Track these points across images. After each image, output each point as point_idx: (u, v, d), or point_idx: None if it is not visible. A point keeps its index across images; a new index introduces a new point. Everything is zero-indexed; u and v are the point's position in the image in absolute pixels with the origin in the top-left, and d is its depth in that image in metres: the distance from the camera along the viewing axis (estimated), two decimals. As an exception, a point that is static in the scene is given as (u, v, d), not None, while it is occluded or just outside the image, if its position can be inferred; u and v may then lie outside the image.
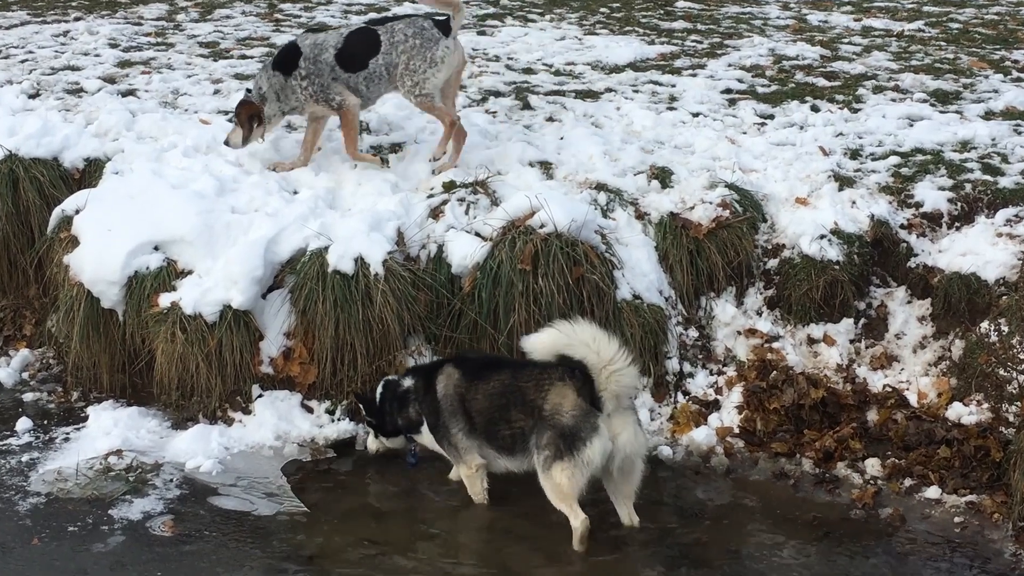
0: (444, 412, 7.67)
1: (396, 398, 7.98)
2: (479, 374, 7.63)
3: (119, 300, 8.89)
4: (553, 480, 7.17)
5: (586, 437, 7.09)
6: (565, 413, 7.14)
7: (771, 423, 8.33)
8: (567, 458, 7.08)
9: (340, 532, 7.41)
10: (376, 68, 9.30)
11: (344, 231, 8.75)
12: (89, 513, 7.51)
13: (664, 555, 7.15)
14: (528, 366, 7.47)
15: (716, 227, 9.08)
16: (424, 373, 7.92)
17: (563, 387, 7.20)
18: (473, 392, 7.59)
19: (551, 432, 7.15)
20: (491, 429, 7.52)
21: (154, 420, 8.68)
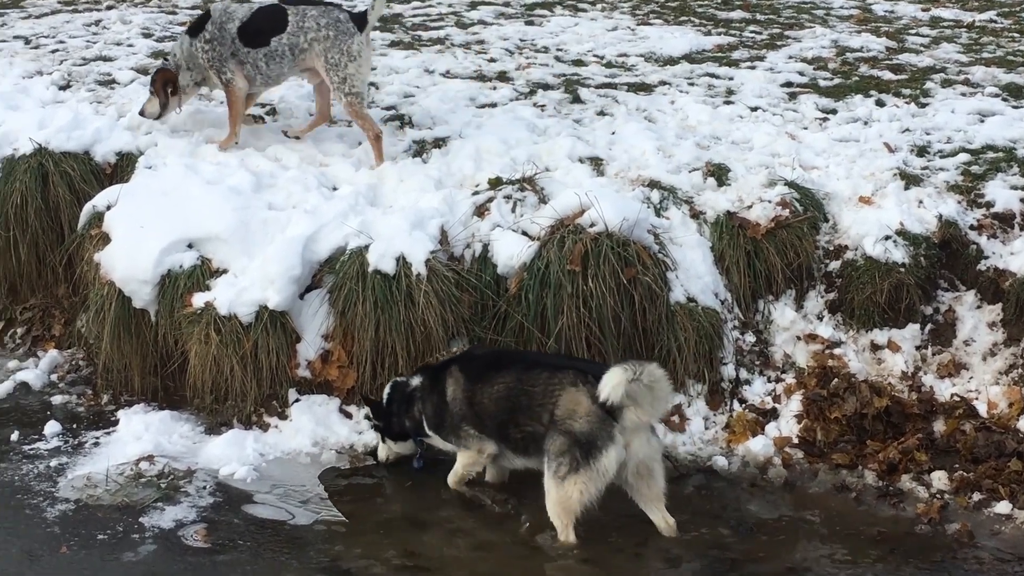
0: (454, 415, 7.76)
1: (404, 399, 8.02)
2: (484, 376, 7.68)
3: (151, 300, 8.94)
4: (564, 492, 7.19)
5: (602, 446, 7.12)
6: (579, 418, 7.17)
7: (832, 433, 8.28)
8: (583, 469, 7.12)
9: (379, 543, 7.41)
10: (279, 47, 9.58)
11: (385, 229, 8.77)
12: (119, 521, 7.55)
13: (718, 571, 7.12)
14: (536, 367, 7.51)
15: (775, 227, 9.04)
16: (432, 372, 7.97)
17: (576, 392, 7.23)
18: (479, 396, 7.66)
19: (564, 439, 7.19)
20: (502, 431, 7.62)
21: (187, 425, 8.72)
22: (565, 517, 7.26)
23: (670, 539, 7.38)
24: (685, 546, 7.36)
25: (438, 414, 7.86)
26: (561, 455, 7.19)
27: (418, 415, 7.99)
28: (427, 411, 7.92)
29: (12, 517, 7.60)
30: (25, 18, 14.88)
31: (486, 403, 7.63)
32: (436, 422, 7.90)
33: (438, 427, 7.91)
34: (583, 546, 7.27)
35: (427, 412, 7.92)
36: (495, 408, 7.59)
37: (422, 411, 7.95)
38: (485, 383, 7.65)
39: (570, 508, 7.21)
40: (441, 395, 7.81)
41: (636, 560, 7.24)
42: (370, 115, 9.77)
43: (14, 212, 9.85)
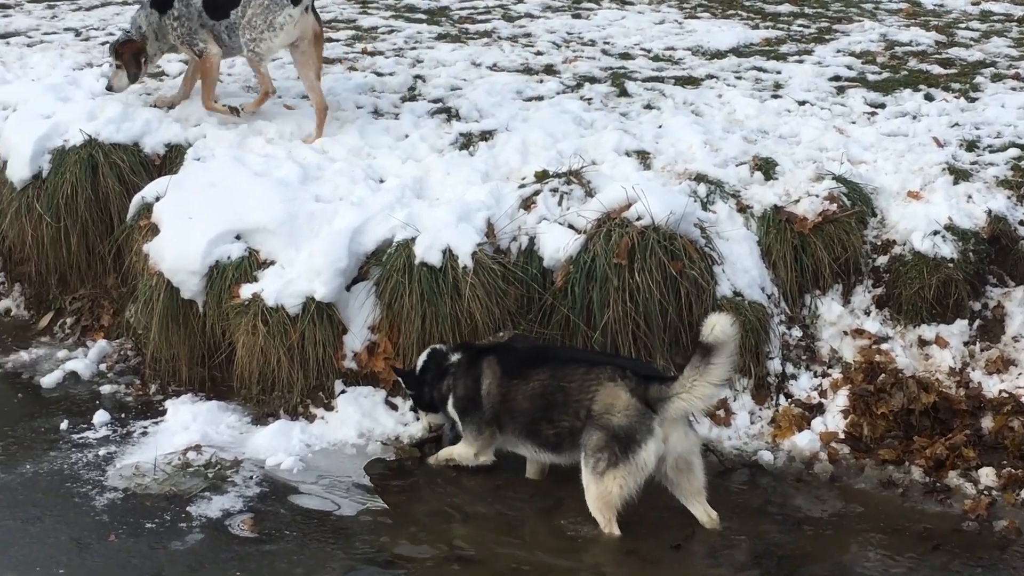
0: (484, 408, 7.82)
1: (439, 371, 8.07)
2: (520, 373, 7.71)
3: (199, 290, 8.99)
4: (604, 487, 7.22)
5: (641, 439, 7.14)
6: (617, 413, 7.19)
7: (879, 429, 8.25)
8: (622, 464, 7.14)
9: (424, 535, 7.44)
10: (236, 20, 9.92)
11: (432, 222, 8.79)
12: (167, 510, 7.60)
13: (763, 566, 7.11)
14: (572, 363, 7.53)
15: (822, 221, 9.01)
16: (472, 355, 8.00)
17: (614, 387, 7.26)
18: (514, 392, 7.69)
19: (603, 434, 7.21)
20: (533, 428, 7.64)
21: (234, 415, 8.77)
22: (607, 512, 7.27)
23: (715, 533, 7.38)
24: (730, 541, 7.36)
25: (468, 400, 7.91)
26: (599, 450, 7.22)
27: (446, 391, 8.03)
28: (457, 391, 7.96)
29: (62, 505, 7.66)
30: (76, 10, 14.99)
31: (519, 400, 7.67)
32: (463, 406, 7.95)
33: (463, 412, 7.96)
34: (627, 539, 7.28)
35: (457, 392, 7.96)
36: (529, 405, 7.63)
37: (452, 389, 7.99)
38: (521, 379, 7.68)
39: (611, 503, 7.23)
40: (475, 383, 7.86)
41: (681, 554, 7.23)
42: (265, 72, 10.22)
43: (64, 203, 9.93)
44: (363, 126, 10.31)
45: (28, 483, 7.94)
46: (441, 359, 8.11)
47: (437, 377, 8.08)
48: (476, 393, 7.87)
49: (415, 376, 8.20)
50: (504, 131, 10.17)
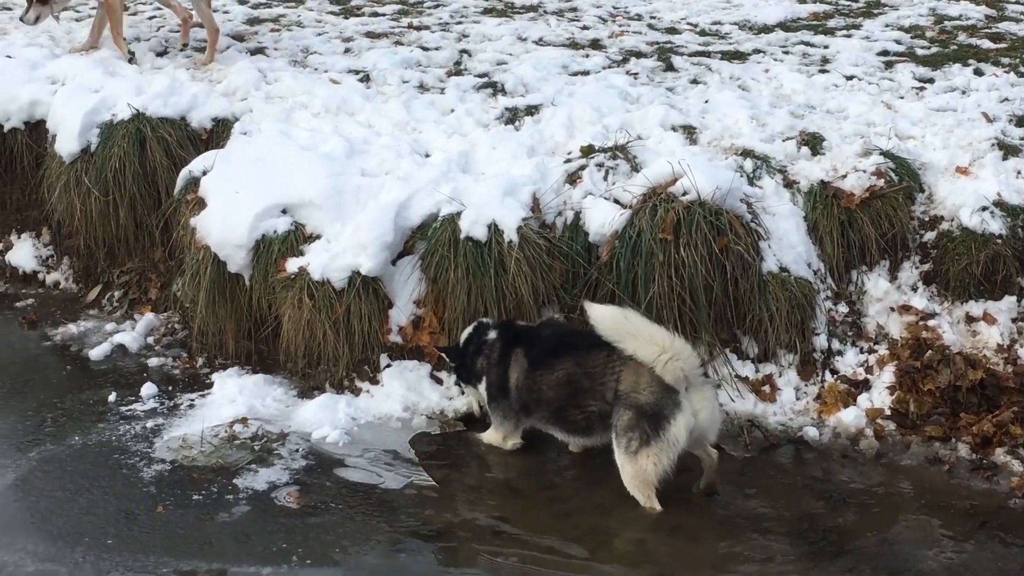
0: (512, 398, 7.90)
1: (478, 346, 8.11)
2: (545, 363, 7.74)
3: (246, 264, 9.02)
4: (638, 466, 7.23)
5: (669, 415, 7.15)
6: (643, 390, 7.20)
7: (925, 405, 8.21)
8: (654, 441, 7.15)
9: (469, 508, 7.47)
10: None
11: (477, 196, 8.78)
12: (214, 482, 7.65)
13: (808, 540, 7.08)
14: (595, 348, 7.51)
15: (869, 197, 8.95)
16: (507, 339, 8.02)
17: (637, 365, 7.26)
18: (540, 383, 7.74)
19: (632, 412, 7.22)
20: (561, 415, 7.69)
21: (280, 388, 8.81)
22: (645, 489, 7.29)
23: (761, 507, 7.39)
24: (776, 516, 7.35)
25: (499, 387, 7.98)
26: (630, 429, 7.23)
27: (480, 370, 8.09)
28: (489, 377, 8.03)
29: (110, 477, 7.73)
30: (123, -15, 15.04)
31: (546, 390, 7.72)
32: (492, 393, 8.03)
33: (492, 398, 8.05)
34: (670, 515, 7.28)
35: (489, 378, 8.03)
36: (555, 394, 7.68)
37: (484, 371, 8.06)
38: (546, 370, 7.72)
39: (647, 481, 7.24)
40: (504, 373, 7.93)
41: (725, 529, 7.23)
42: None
43: (113, 177, 9.98)
44: (408, 101, 10.31)
45: (77, 455, 8.01)
46: (483, 334, 8.14)
47: (476, 352, 8.12)
48: (505, 384, 7.93)
49: (459, 349, 8.23)
50: (550, 106, 10.16)
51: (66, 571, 6.70)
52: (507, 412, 7.96)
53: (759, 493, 7.61)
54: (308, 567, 6.77)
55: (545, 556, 6.93)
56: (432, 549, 7.04)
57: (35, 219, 10.98)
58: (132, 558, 6.82)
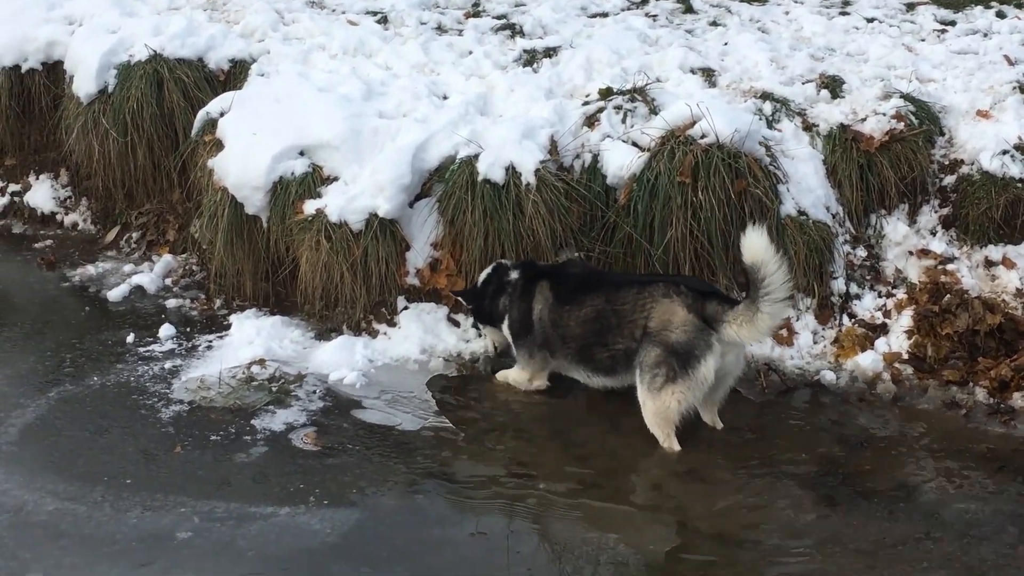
0: (536, 332, 7.87)
1: (499, 286, 8.09)
2: (573, 299, 7.71)
3: (263, 206, 8.99)
4: (662, 402, 7.24)
5: (700, 355, 7.15)
6: (675, 328, 7.19)
7: (943, 349, 8.18)
8: (681, 379, 7.16)
9: (485, 451, 7.47)
10: None
11: (495, 138, 8.74)
12: (231, 423, 7.66)
13: (827, 484, 7.08)
14: (625, 286, 7.52)
15: (889, 140, 8.89)
16: (529, 276, 8.01)
17: (670, 303, 7.26)
18: (566, 319, 7.72)
19: (660, 350, 7.21)
20: (586, 353, 7.67)
21: (297, 330, 8.81)
22: (665, 427, 7.30)
23: (778, 451, 7.39)
24: (793, 460, 7.34)
25: (522, 323, 7.96)
26: (657, 366, 7.23)
27: (502, 310, 8.07)
28: (512, 314, 8.01)
29: (128, 417, 7.74)
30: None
31: (572, 326, 7.70)
32: (516, 330, 8.00)
33: (516, 335, 8.02)
34: (686, 458, 7.29)
35: (512, 315, 8.01)
36: (581, 331, 7.66)
37: (507, 310, 8.04)
38: (574, 306, 7.70)
39: (669, 418, 7.25)
40: (528, 307, 7.91)
41: (742, 472, 7.22)
42: None
43: (130, 118, 9.94)
44: (426, 42, 10.25)
45: (96, 395, 8.02)
46: (503, 274, 8.11)
47: (497, 292, 8.09)
48: (528, 318, 7.90)
49: (476, 290, 8.21)
50: (568, 48, 10.09)
51: (85, 510, 6.72)
52: (532, 351, 7.94)
53: (776, 437, 7.60)
54: (325, 507, 6.78)
55: (561, 499, 6.93)
56: (449, 491, 7.04)
57: (53, 160, 10.97)
58: (150, 497, 6.84)
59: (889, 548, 6.49)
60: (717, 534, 6.65)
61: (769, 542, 6.55)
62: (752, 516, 6.80)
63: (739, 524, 6.73)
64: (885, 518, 6.76)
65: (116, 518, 6.66)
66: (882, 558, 6.40)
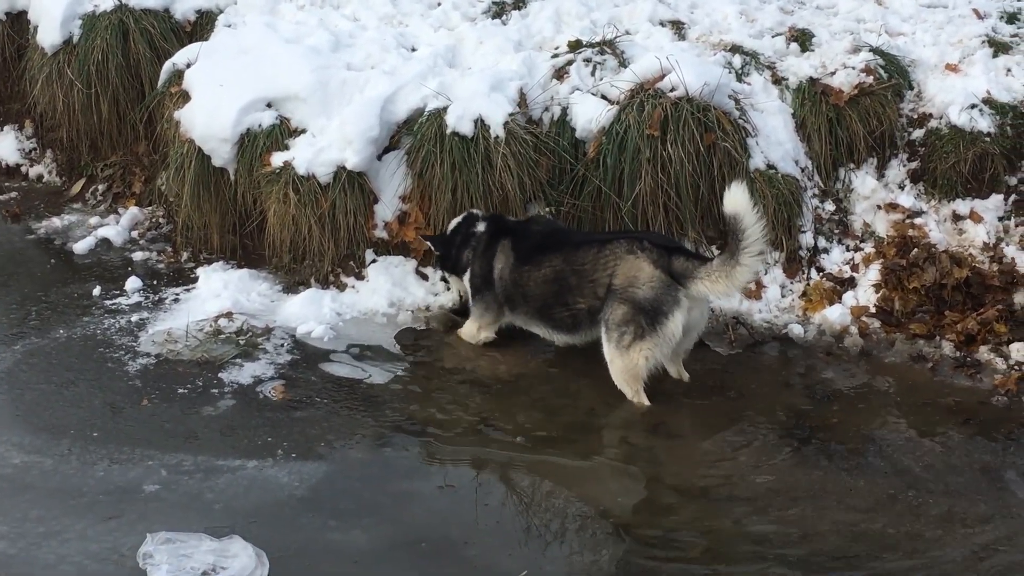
0: (496, 289, 7.91)
1: (466, 237, 8.09)
2: (532, 258, 7.72)
3: (230, 158, 8.94)
4: (630, 360, 7.25)
5: (668, 311, 7.16)
6: (642, 285, 7.19)
7: (910, 303, 8.21)
8: (649, 336, 7.17)
9: (454, 404, 7.47)
10: None
11: (464, 91, 8.70)
12: (199, 376, 7.65)
13: (795, 436, 7.11)
14: (585, 245, 7.53)
15: (858, 94, 8.88)
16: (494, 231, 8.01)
17: (635, 260, 7.26)
18: (526, 279, 7.74)
19: (627, 307, 7.22)
20: (546, 312, 7.70)
21: (265, 283, 8.79)
22: (634, 384, 7.32)
23: (745, 404, 7.41)
24: (761, 411, 7.37)
25: (483, 279, 7.98)
26: (624, 323, 7.23)
27: (465, 262, 8.09)
28: (474, 268, 8.03)
29: (95, 370, 7.71)
30: None
31: (532, 286, 7.72)
32: (476, 285, 8.03)
33: (475, 290, 8.04)
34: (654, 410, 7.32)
35: (473, 269, 8.03)
36: (540, 291, 7.68)
37: (470, 263, 8.06)
38: (532, 266, 7.71)
39: (637, 375, 7.27)
40: (489, 265, 7.93)
41: (711, 425, 7.26)
42: None
43: (95, 69, 9.85)
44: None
45: (62, 348, 8.00)
46: (471, 225, 8.10)
47: (463, 243, 8.09)
48: (488, 276, 7.93)
49: (445, 237, 8.20)
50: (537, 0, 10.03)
51: (51, 463, 6.70)
52: (489, 304, 7.96)
53: (744, 390, 7.63)
54: (293, 460, 6.78)
55: (530, 453, 6.95)
56: (417, 444, 7.05)
57: (17, 112, 10.88)
58: (117, 450, 6.83)
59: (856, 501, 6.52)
60: (685, 487, 6.68)
61: (736, 495, 6.58)
62: (720, 469, 6.83)
63: (707, 477, 6.77)
64: (851, 471, 6.80)
65: (83, 471, 6.65)
66: (848, 510, 6.44)
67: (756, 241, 6.92)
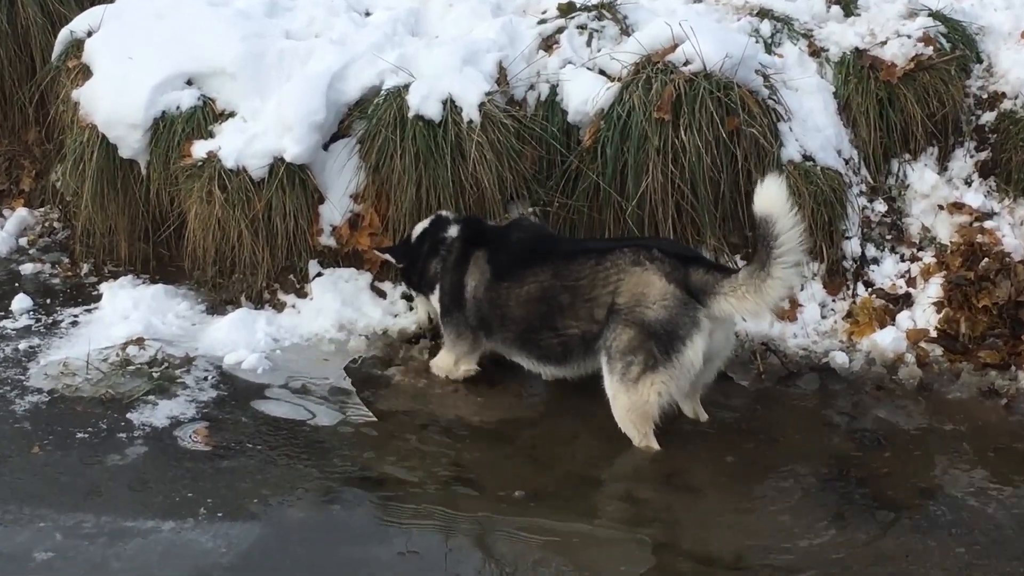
0: (469, 314, 7.86)
1: (435, 244, 8.06)
2: (513, 273, 7.66)
3: (142, 148, 8.95)
4: (639, 396, 7.19)
5: (685, 335, 7.09)
6: (652, 303, 7.13)
7: (979, 325, 8.22)
8: (663, 366, 7.10)
9: (417, 451, 7.45)
10: None
11: (430, 65, 8.73)
12: (103, 416, 7.62)
13: (837, 491, 7.10)
14: (580, 256, 7.48)
15: (915, 68, 8.93)
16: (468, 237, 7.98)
17: (643, 273, 7.20)
18: (505, 297, 7.68)
19: (634, 331, 7.16)
20: (530, 338, 7.64)
21: (185, 302, 8.81)
22: (642, 425, 7.27)
23: (778, 451, 7.39)
24: (797, 459, 7.36)
25: (453, 298, 7.93)
26: (631, 352, 7.18)
27: (433, 276, 8.05)
28: (444, 283, 7.99)
29: (-27, 411, 7.71)
30: None
31: (512, 307, 7.66)
32: (446, 304, 7.98)
33: (445, 310, 7.99)
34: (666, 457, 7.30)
35: (443, 285, 7.99)
36: (522, 312, 7.62)
37: (439, 276, 8.01)
38: (514, 282, 7.65)
39: (646, 414, 7.22)
40: (460, 279, 7.88)
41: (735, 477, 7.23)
42: None
43: (-28, 39, 9.89)
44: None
45: (-69, 382, 7.99)
46: (441, 230, 8.07)
47: (431, 252, 8.06)
48: (460, 293, 7.88)
49: (410, 246, 8.17)
50: (520, -46, 10.07)
51: (-81, 527, 6.68)
52: (461, 330, 7.92)
53: (776, 433, 7.63)
54: (219, 521, 6.74)
55: (512, 512, 6.90)
56: (372, 500, 7.02)
57: None
58: (2, 509, 6.78)
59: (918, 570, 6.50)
60: (704, 556, 6.64)
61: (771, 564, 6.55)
62: (746, 533, 6.79)
63: (732, 543, 6.72)
64: (907, 534, 6.77)
65: (-43, 535, 6.62)
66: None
67: (792, 249, 6.86)
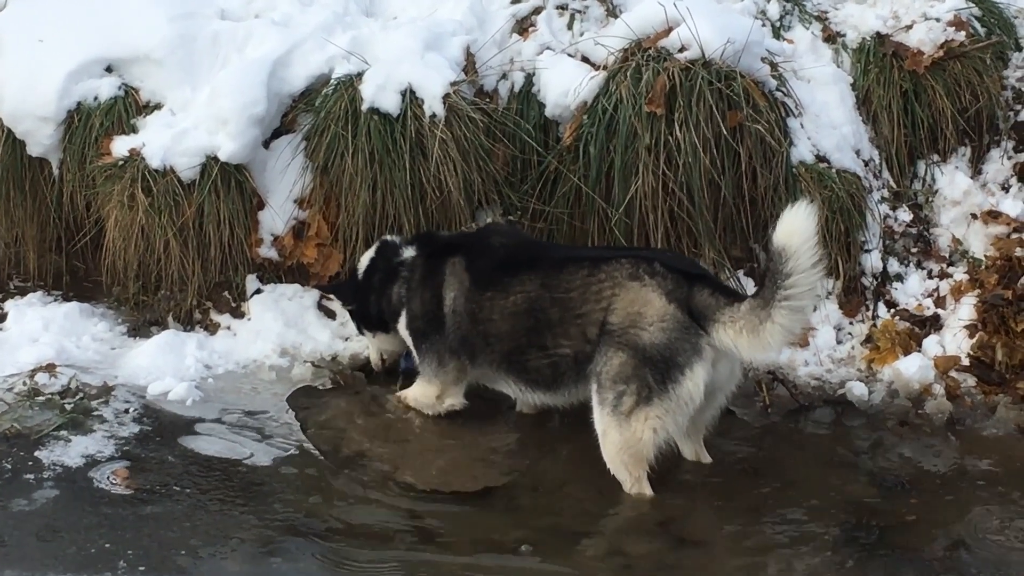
0: (448, 330, 7.79)
1: (388, 272, 8.03)
2: (497, 281, 7.62)
3: (53, 145, 8.96)
4: (631, 433, 7.15)
5: (685, 363, 7.05)
6: (649, 324, 7.10)
7: (1018, 352, 8.25)
8: (658, 399, 7.06)
9: (372, 494, 7.42)
10: None
11: (387, 51, 8.74)
12: (7, 455, 7.58)
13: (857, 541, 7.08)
14: (572, 264, 7.44)
15: (944, 57, 8.96)
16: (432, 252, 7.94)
17: (640, 289, 7.17)
18: (489, 311, 7.64)
19: (627, 356, 7.13)
20: (516, 358, 7.60)
21: (103, 323, 8.80)
22: (634, 468, 7.22)
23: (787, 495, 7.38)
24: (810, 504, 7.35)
25: (427, 319, 7.87)
26: (623, 380, 7.15)
27: (397, 303, 8.00)
28: (412, 306, 7.93)
29: None
30: None
31: (497, 320, 7.61)
32: (419, 329, 7.92)
33: (419, 335, 7.93)
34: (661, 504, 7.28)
35: (412, 308, 7.93)
36: (508, 328, 7.58)
37: (404, 301, 7.97)
38: (498, 291, 7.61)
39: (640, 455, 7.17)
40: (436, 296, 7.81)
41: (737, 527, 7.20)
42: None
43: None
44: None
45: None
46: (392, 255, 8.04)
47: (386, 281, 8.02)
48: (436, 310, 7.81)
49: (357, 281, 8.16)
50: (492, -76, 10.09)
51: None
52: (443, 355, 7.84)
53: (786, 474, 7.62)
54: (141, 576, 6.74)
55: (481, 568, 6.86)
56: (319, 552, 6.97)
57: None
58: None
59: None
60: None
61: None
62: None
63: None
64: (938, 589, 6.79)
65: None
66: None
67: (804, 292, 6.80)
